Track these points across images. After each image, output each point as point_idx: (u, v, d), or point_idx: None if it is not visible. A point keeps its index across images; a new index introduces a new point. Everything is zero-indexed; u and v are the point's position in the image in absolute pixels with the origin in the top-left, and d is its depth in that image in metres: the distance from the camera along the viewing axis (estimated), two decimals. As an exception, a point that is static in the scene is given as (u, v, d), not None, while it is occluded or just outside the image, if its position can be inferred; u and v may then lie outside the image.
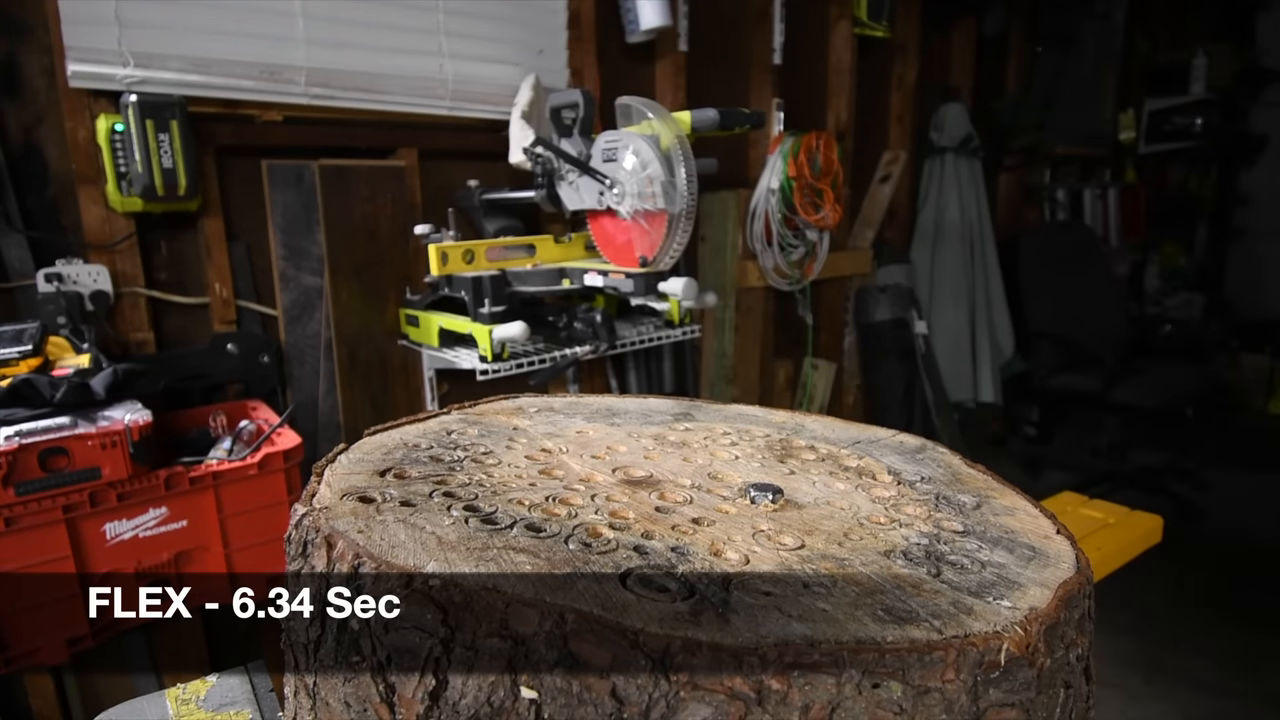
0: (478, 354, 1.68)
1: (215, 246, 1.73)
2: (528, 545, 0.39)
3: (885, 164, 3.38)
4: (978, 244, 3.59)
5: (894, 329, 3.28)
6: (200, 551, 1.40)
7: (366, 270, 1.90)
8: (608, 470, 0.51)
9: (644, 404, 0.69)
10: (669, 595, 0.35)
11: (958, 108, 3.53)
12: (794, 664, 0.30)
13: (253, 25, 1.70)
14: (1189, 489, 3.39)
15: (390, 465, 0.50)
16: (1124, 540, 1.93)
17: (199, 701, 0.66)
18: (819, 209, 2.64)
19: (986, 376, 3.55)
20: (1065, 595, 0.37)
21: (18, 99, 1.52)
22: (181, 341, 1.75)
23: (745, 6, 2.68)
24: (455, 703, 0.33)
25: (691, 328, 1.92)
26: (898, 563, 0.40)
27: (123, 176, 1.56)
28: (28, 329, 1.40)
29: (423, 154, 1.99)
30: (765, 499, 0.46)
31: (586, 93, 1.78)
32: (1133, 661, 2.27)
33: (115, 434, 1.24)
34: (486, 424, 0.60)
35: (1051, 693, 0.34)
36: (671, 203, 1.59)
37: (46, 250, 1.56)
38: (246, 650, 1.72)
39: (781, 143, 2.62)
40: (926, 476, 0.53)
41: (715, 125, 1.63)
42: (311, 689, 0.40)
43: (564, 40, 2.19)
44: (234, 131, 1.72)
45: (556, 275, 1.85)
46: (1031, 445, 3.98)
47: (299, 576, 0.40)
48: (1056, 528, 0.46)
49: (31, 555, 1.23)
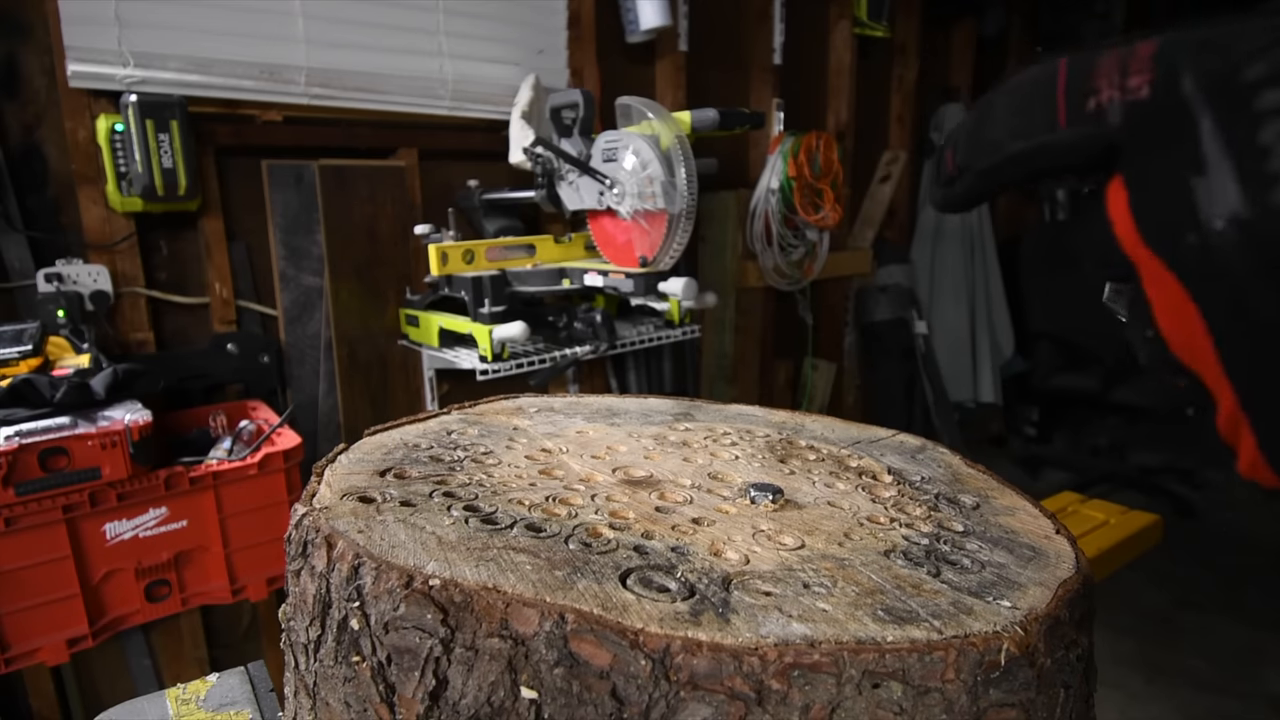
0: (478, 354, 1.68)
1: (215, 246, 1.73)
2: (528, 545, 0.39)
3: (885, 164, 3.38)
4: (978, 244, 3.59)
5: (894, 329, 3.28)
6: (200, 551, 1.40)
7: (366, 270, 1.90)
8: (608, 470, 0.51)
9: (644, 404, 0.69)
10: (669, 595, 0.35)
11: (958, 108, 3.53)
12: (794, 664, 0.30)
13: (253, 25, 1.70)
14: (1189, 489, 3.39)
15: (390, 465, 0.50)
16: (1124, 540, 1.93)
17: (199, 701, 0.66)
18: (819, 209, 2.64)
19: (986, 376, 3.55)
20: (1065, 595, 0.37)
21: (18, 99, 1.52)
22: (181, 341, 1.75)
23: (745, 6, 2.68)
24: (455, 703, 0.33)
25: (691, 328, 1.92)
26: (898, 563, 0.40)
27: (123, 176, 1.56)
28: (28, 329, 1.40)
29: (423, 154, 1.99)
30: (765, 499, 0.46)
31: (586, 93, 1.78)
32: (1133, 661, 2.27)
33: (115, 434, 1.24)
34: (486, 424, 0.60)
35: (1051, 693, 0.34)
36: (671, 203, 1.59)
37: (46, 250, 1.56)
38: (246, 650, 1.72)
39: (781, 143, 2.62)
40: (927, 476, 0.53)
41: (715, 125, 1.63)
42: (311, 689, 0.40)
43: (564, 40, 2.19)
44: (234, 131, 1.72)
45: (556, 275, 1.85)
46: (1031, 445, 3.98)
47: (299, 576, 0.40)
48: (1056, 528, 0.46)
49: (31, 555, 1.23)
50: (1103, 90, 0.31)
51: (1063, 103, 0.33)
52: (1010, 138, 0.34)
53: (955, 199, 0.39)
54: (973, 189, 0.37)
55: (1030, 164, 0.34)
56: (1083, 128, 0.32)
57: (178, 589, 1.38)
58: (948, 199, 0.39)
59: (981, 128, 0.36)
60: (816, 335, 3.12)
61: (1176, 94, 0.29)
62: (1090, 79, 0.32)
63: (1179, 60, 0.29)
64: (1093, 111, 0.32)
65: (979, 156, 0.36)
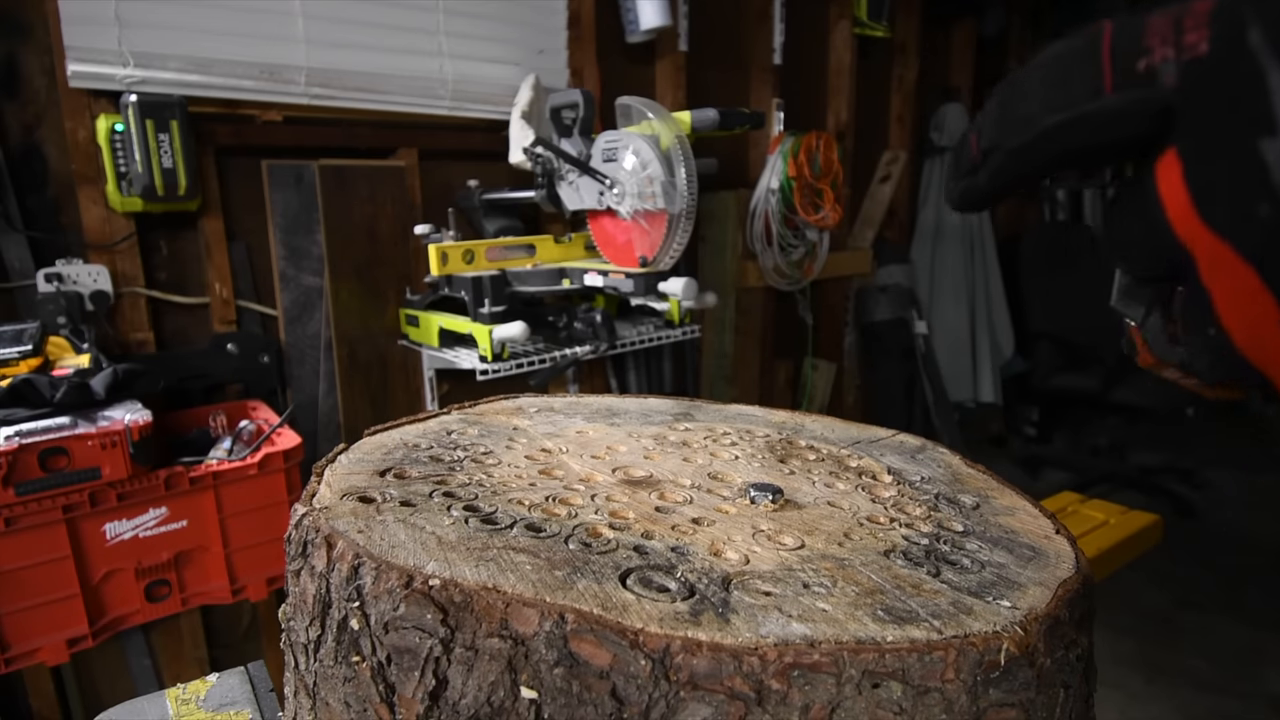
0: (478, 354, 1.68)
1: (215, 246, 1.73)
2: (528, 545, 0.39)
3: (885, 164, 3.38)
4: (978, 244, 3.60)
5: (894, 329, 3.27)
6: (200, 551, 1.40)
7: (366, 270, 1.90)
8: (608, 470, 0.51)
9: (644, 404, 0.69)
10: (669, 595, 0.35)
11: (958, 108, 3.53)
12: (794, 664, 0.30)
13: (253, 25, 1.70)
14: (1188, 489, 3.40)
15: (390, 465, 0.50)
16: (1124, 540, 1.93)
17: (199, 701, 0.66)
18: (819, 209, 2.64)
19: (986, 376, 3.55)
20: (1065, 595, 0.37)
21: (18, 99, 1.52)
22: (181, 341, 1.75)
23: (745, 6, 2.68)
24: (455, 703, 0.33)
25: (691, 328, 1.92)
26: (898, 563, 0.40)
27: (123, 176, 1.56)
28: (28, 329, 1.40)
29: (423, 154, 1.99)
30: (765, 499, 0.46)
31: (586, 93, 1.78)
32: (1133, 661, 2.27)
33: (115, 434, 1.24)
34: (486, 424, 0.60)
35: (1051, 693, 0.34)
36: (671, 203, 1.59)
37: (46, 250, 1.56)
38: (246, 650, 1.72)
39: (781, 143, 2.62)
40: (927, 476, 0.53)
41: (715, 125, 1.63)
42: (311, 689, 0.40)
43: (564, 40, 2.19)
44: (234, 131, 1.72)
45: (556, 275, 1.85)
46: (1031, 445, 3.99)
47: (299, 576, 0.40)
48: (1056, 527, 0.46)
49: (31, 555, 1.23)
50: (1155, 50, 0.27)
51: (1108, 66, 0.28)
52: (1047, 111, 0.30)
53: (978, 189, 0.34)
54: (1000, 174, 0.32)
55: (1070, 138, 0.30)
56: (1132, 92, 0.28)
57: (178, 589, 1.39)
58: (968, 191, 0.34)
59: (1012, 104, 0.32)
60: (816, 335, 3.12)
61: (1242, 47, 0.25)
62: (1141, 39, 0.28)
63: (1243, 11, 0.26)
64: (1144, 73, 0.28)
65: (1009, 134, 0.31)
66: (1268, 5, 0.25)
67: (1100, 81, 0.29)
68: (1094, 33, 0.30)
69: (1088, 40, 0.30)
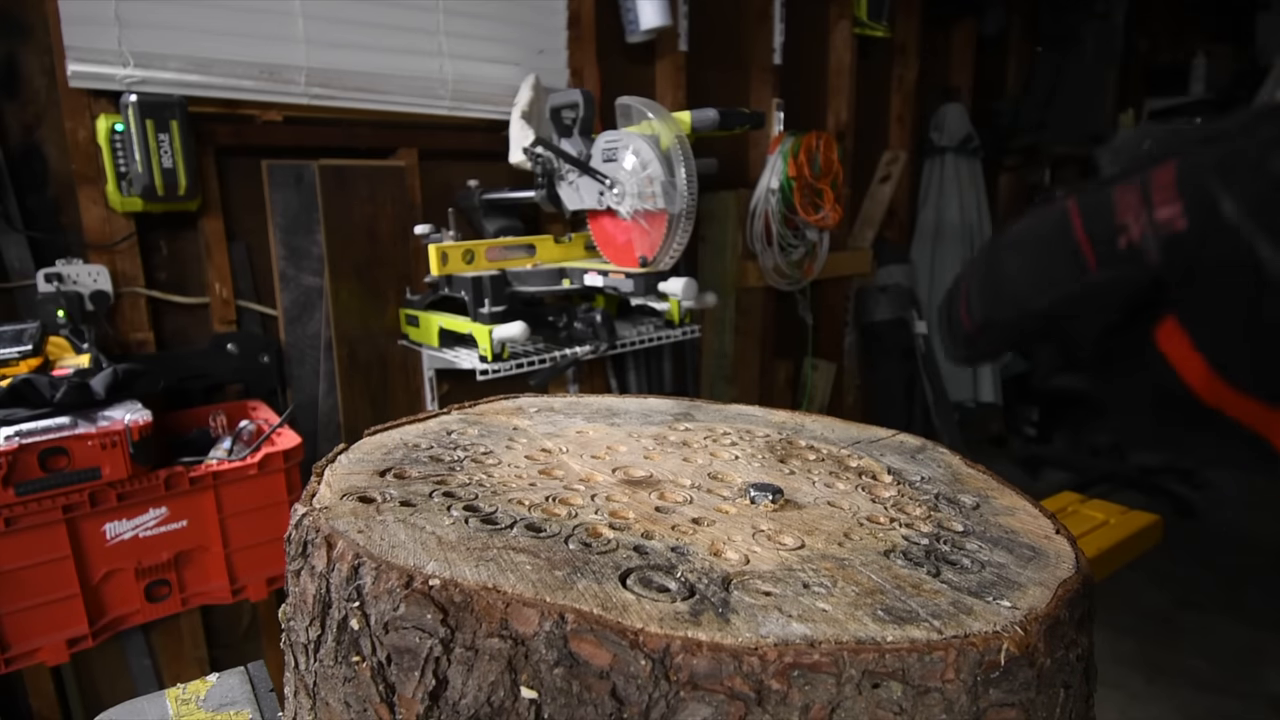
0: (478, 354, 1.68)
1: (215, 246, 1.73)
2: (528, 545, 0.39)
3: (885, 164, 3.38)
4: (978, 244, 3.60)
5: (894, 329, 3.27)
6: (200, 551, 1.40)
7: (366, 270, 1.90)
8: (608, 470, 0.51)
9: (644, 404, 0.69)
10: (669, 595, 0.35)
11: (958, 108, 3.53)
12: (794, 664, 0.30)
13: (253, 25, 1.70)
14: (1189, 489, 3.39)
15: (390, 465, 0.50)
16: (1124, 540, 1.93)
17: (199, 701, 0.66)
18: (819, 209, 2.64)
19: (986, 376, 3.55)
20: (1065, 595, 0.37)
21: (18, 99, 1.52)
22: (181, 341, 1.75)
23: (745, 6, 2.68)
24: (455, 703, 0.34)
25: (691, 328, 1.92)
26: (898, 563, 0.40)
27: (123, 176, 1.56)
28: (28, 329, 1.40)
29: (423, 154, 1.99)
30: (765, 499, 0.46)
31: (586, 93, 1.78)
32: (1133, 661, 2.27)
33: (115, 434, 1.24)
34: (486, 424, 0.60)
35: (1051, 693, 0.34)
36: (671, 203, 1.59)
37: (46, 250, 1.56)
38: (246, 650, 1.72)
39: (781, 143, 2.62)
40: (927, 476, 0.53)
41: (715, 125, 1.63)
42: (311, 689, 0.40)
43: (564, 40, 2.19)
44: (234, 131, 1.72)
45: (556, 275, 1.85)
46: (1031, 445, 3.98)
47: (299, 576, 0.40)
48: (1056, 527, 0.46)
49: (31, 555, 1.23)
50: (1131, 226, 0.29)
51: (1088, 246, 0.30)
52: (1034, 291, 0.32)
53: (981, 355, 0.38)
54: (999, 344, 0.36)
55: (1062, 313, 0.32)
56: (1119, 269, 0.29)
57: (178, 589, 1.39)
58: (971, 359, 0.38)
59: (994, 282, 0.34)
60: (816, 335, 3.12)
61: (1218, 220, 0.26)
62: (1112, 216, 0.29)
63: (1207, 184, 0.27)
64: (1126, 251, 0.29)
65: (1001, 311, 0.34)
66: (1230, 174, 0.26)
67: (1083, 261, 0.30)
68: (1061, 212, 0.31)
69: (1057, 219, 0.31)
